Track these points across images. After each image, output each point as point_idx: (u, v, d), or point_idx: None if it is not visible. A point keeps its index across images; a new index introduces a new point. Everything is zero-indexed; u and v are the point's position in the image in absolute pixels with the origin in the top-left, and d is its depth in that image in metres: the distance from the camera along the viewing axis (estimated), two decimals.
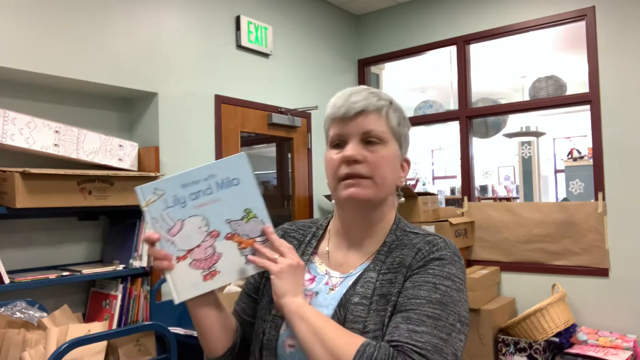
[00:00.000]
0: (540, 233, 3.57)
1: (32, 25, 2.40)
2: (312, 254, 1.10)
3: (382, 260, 1.00)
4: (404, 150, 1.06)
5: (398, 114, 1.04)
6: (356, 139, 1.00)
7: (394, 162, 1.03)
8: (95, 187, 2.44)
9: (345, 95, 1.02)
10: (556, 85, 4.27)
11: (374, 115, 1.01)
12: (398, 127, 1.04)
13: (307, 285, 1.05)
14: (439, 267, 0.94)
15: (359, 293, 0.96)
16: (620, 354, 2.97)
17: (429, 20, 4.13)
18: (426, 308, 0.89)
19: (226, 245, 0.98)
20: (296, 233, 1.15)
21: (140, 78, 2.83)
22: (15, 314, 2.19)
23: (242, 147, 3.43)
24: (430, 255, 0.96)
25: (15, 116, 2.28)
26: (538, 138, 8.22)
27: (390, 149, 1.02)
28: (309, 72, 3.98)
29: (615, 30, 3.31)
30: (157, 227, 0.96)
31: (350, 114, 1.00)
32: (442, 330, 0.88)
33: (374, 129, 1.00)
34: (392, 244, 1.03)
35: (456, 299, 0.92)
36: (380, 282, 0.97)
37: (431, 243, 0.99)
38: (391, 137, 1.02)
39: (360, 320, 0.93)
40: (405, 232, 1.05)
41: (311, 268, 1.08)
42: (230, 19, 3.37)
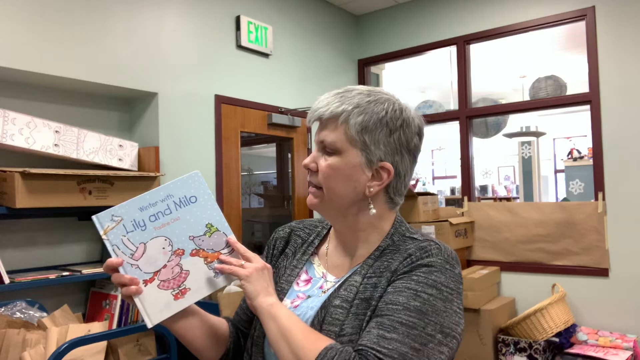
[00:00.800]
0: (540, 233, 3.57)
1: (32, 25, 2.40)
2: (313, 254, 1.10)
3: (369, 264, 0.98)
4: (376, 156, 0.96)
5: (365, 117, 0.94)
6: (317, 146, 1.00)
7: (348, 173, 0.96)
8: (95, 187, 2.44)
9: (316, 101, 1.01)
10: (555, 85, 4.27)
11: (329, 124, 0.97)
12: (363, 133, 0.94)
13: (300, 286, 1.05)
14: (424, 274, 0.90)
15: (341, 296, 0.95)
16: (620, 354, 2.97)
17: (429, 20, 4.13)
18: (401, 315, 0.86)
19: (192, 261, 0.99)
20: (302, 232, 1.15)
21: (140, 78, 2.83)
22: (15, 314, 2.20)
23: (242, 147, 3.43)
24: (418, 261, 0.92)
25: (15, 116, 2.28)
26: (538, 138, 8.21)
27: (346, 159, 0.95)
28: (309, 72, 3.98)
29: (615, 30, 3.31)
30: (120, 254, 0.96)
31: (311, 123, 1.00)
32: (416, 339, 0.84)
33: (326, 139, 0.97)
34: (386, 248, 1.00)
35: (440, 308, 0.87)
36: (364, 285, 0.95)
37: (423, 249, 0.94)
38: (349, 146, 0.95)
39: (338, 323, 0.92)
40: (404, 238, 1.01)
41: (309, 269, 1.07)
42: (230, 19, 3.37)
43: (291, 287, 1.05)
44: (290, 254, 1.12)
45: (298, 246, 1.12)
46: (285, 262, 1.11)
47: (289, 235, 1.15)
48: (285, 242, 1.15)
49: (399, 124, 0.96)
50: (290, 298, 1.04)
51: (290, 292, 1.05)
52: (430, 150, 11.48)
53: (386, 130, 0.95)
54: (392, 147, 0.96)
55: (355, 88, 0.99)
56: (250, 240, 3.65)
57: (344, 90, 0.99)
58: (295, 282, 1.06)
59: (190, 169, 3.04)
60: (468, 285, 3.28)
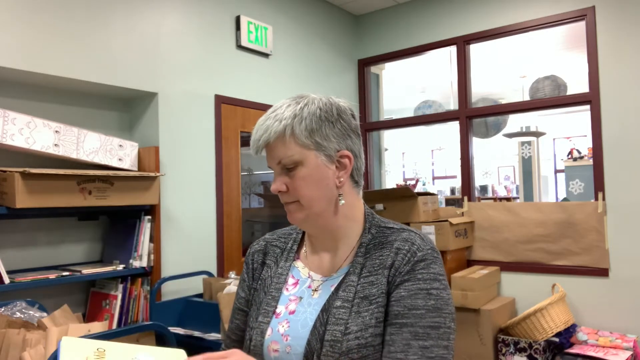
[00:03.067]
0: (540, 233, 3.57)
1: (32, 25, 2.40)
2: (295, 259, 1.12)
3: (361, 262, 1.02)
4: (332, 149, 1.01)
5: (306, 122, 0.99)
6: (276, 169, 1.02)
7: (317, 175, 1.00)
8: (95, 187, 2.44)
9: (255, 130, 1.03)
10: (553, 85, 4.27)
11: (278, 144, 1.00)
12: (312, 135, 0.99)
13: (290, 290, 1.07)
14: (425, 270, 0.96)
15: (341, 297, 0.99)
16: (620, 354, 2.97)
17: (429, 20, 4.13)
18: (427, 318, 0.92)
19: None
20: (278, 242, 1.18)
21: (140, 78, 2.83)
22: (15, 314, 2.19)
23: (242, 147, 3.43)
24: (413, 257, 0.97)
25: (15, 116, 2.28)
26: (538, 138, 8.21)
27: (309, 165, 1.00)
28: (309, 72, 3.98)
29: (615, 30, 3.31)
30: None
31: (260, 151, 1.03)
32: (443, 337, 0.92)
33: (282, 157, 1.00)
34: (369, 243, 1.04)
35: (446, 298, 0.95)
36: (362, 285, 0.99)
37: (409, 241, 1.00)
38: (305, 152, 0.99)
39: (342, 322, 0.95)
40: (380, 229, 1.06)
41: (294, 272, 1.10)
42: (230, 19, 3.37)
43: (281, 293, 1.07)
44: (272, 264, 1.14)
45: (278, 255, 1.15)
46: (269, 272, 1.13)
47: (265, 247, 1.18)
48: (263, 254, 1.17)
49: (336, 113, 1.02)
50: (283, 304, 1.05)
51: (282, 298, 1.06)
52: (430, 150, 11.48)
53: (328, 124, 1.01)
54: (340, 136, 1.02)
55: (283, 103, 1.03)
56: (250, 241, 3.65)
57: (273, 109, 1.03)
58: (285, 287, 1.08)
59: (190, 169, 3.05)
60: (468, 285, 3.28)
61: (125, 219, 2.75)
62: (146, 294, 2.71)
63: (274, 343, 1.01)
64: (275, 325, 1.03)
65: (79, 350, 0.89)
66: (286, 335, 1.00)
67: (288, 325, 1.02)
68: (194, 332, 2.64)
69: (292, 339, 0.99)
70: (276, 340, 1.01)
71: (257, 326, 1.05)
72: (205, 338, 2.52)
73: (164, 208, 2.86)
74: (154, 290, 2.71)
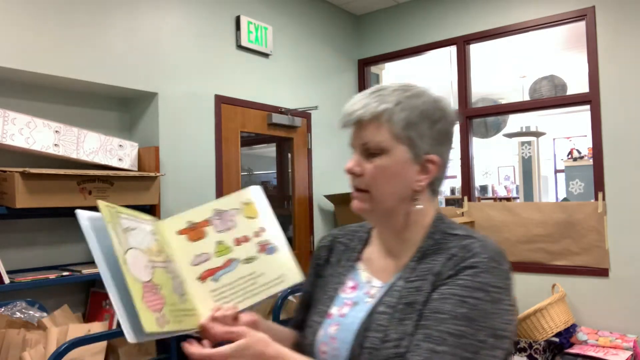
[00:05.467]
0: (540, 233, 3.57)
1: (32, 25, 2.40)
2: (357, 260, 1.08)
3: (412, 267, 0.96)
4: (423, 150, 0.95)
5: (408, 113, 0.93)
6: (358, 149, 0.97)
7: (397, 170, 0.94)
8: (95, 187, 2.44)
9: (350, 102, 0.98)
10: (550, 85, 4.28)
11: (371, 125, 0.95)
12: (408, 128, 0.93)
13: (347, 293, 1.03)
14: (470, 277, 0.87)
15: (385, 302, 0.94)
16: (620, 354, 2.97)
17: (429, 20, 4.13)
18: (449, 324, 0.84)
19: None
20: (344, 238, 1.13)
21: (140, 78, 2.83)
22: (15, 314, 2.19)
23: (242, 147, 3.43)
24: (462, 263, 0.89)
25: (15, 116, 2.28)
26: (538, 138, 8.21)
27: (394, 157, 0.94)
28: (309, 72, 3.97)
29: (615, 30, 3.31)
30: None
31: (347, 126, 0.98)
32: (467, 349, 0.82)
33: (370, 140, 0.95)
34: (428, 249, 0.96)
35: (489, 311, 0.84)
36: (407, 290, 0.92)
37: (466, 248, 0.91)
38: (395, 144, 0.94)
39: (382, 329, 0.90)
40: (445, 235, 0.97)
41: (355, 275, 1.05)
42: (230, 19, 3.37)
43: (338, 294, 1.04)
44: (334, 262, 1.11)
45: (342, 253, 1.11)
46: (331, 270, 1.10)
47: (331, 243, 1.14)
48: (328, 251, 1.14)
49: (439, 115, 0.96)
50: (337, 305, 1.02)
51: (337, 299, 1.03)
52: None
53: (429, 122, 0.95)
54: (436, 139, 0.96)
55: (389, 85, 0.98)
56: None
57: (378, 88, 0.97)
58: (342, 289, 1.04)
59: (190, 169, 3.05)
60: None
61: None
62: None
63: (323, 344, 0.99)
64: (326, 326, 1.00)
65: (173, 227, 0.99)
66: (334, 337, 0.98)
67: (337, 327, 0.98)
68: None
69: (339, 342, 0.96)
70: (325, 342, 0.99)
71: (311, 325, 1.03)
72: None
73: (164, 208, 2.85)
74: None
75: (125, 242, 0.87)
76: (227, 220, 1.02)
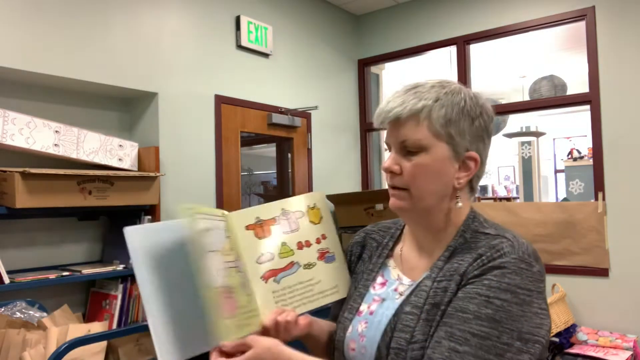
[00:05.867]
0: (540, 233, 3.57)
1: (32, 25, 2.40)
2: (388, 257, 1.07)
3: (440, 267, 0.94)
4: (463, 147, 0.94)
5: (447, 110, 0.92)
6: (396, 147, 0.96)
7: (437, 168, 0.93)
8: (95, 187, 2.44)
9: (386, 100, 0.97)
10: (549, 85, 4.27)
11: (410, 122, 0.93)
12: (447, 125, 0.92)
13: (377, 289, 1.03)
14: (497, 278, 0.85)
15: (412, 302, 0.93)
16: (620, 354, 2.97)
17: (429, 20, 4.13)
18: (472, 324, 0.82)
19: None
20: (376, 235, 1.13)
21: (140, 78, 2.83)
22: (15, 314, 2.19)
23: (242, 147, 3.43)
24: (489, 262, 0.87)
25: (15, 116, 2.28)
26: (538, 138, 8.21)
27: (434, 154, 0.93)
28: (309, 72, 3.97)
29: (615, 30, 3.31)
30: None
31: (385, 124, 0.96)
32: (490, 351, 0.80)
33: (409, 138, 0.93)
34: (458, 247, 0.95)
35: (516, 314, 0.82)
36: (434, 290, 0.91)
37: (495, 248, 0.89)
38: (435, 141, 0.92)
39: (408, 330, 0.89)
40: (476, 234, 0.96)
41: (385, 272, 1.05)
42: (230, 19, 3.37)
43: (368, 290, 1.04)
44: (367, 258, 1.11)
45: (374, 250, 1.11)
46: (362, 267, 1.10)
47: (364, 239, 1.14)
48: (361, 247, 1.14)
49: (478, 111, 0.95)
50: (367, 302, 1.02)
51: (367, 296, 1.03)
52: None
53: (468, 119, 0.94)
54: (475, 135, 0.95)
55: (426, 82, 0.97)
56: None
57: (414, 85, 0.96)
58: (372, 285, 1.04)
59: (190, 169, 3.05)
60: None
61: (125, 219, 2.75)
62: None
63: (352, 342, 0.99)
64: (356, 323, 1.00)
65: (242, 221, 0.98)
66: (363, 335, 0.97)
67: (366, 325, 0.98)
68: None
69: (367, 341, 0.96)
70: (354, 339, 0.99)
71: (342, 321, 1.03)
72: None
73: (164, 208, 2.85)
74: None
75: (202, 246, 0.85)
76: (292, 222, 1.03)
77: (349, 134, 4.29)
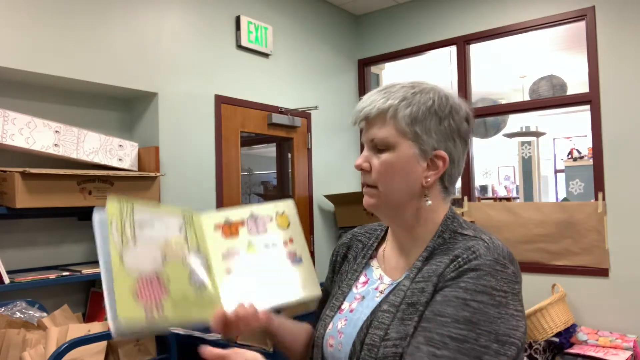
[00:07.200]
0: (540, 233, 3.57)
1: (32, 25, 2.40)
2: (372, 257, 1.10)
3: (418, 267, 0.96)
4: (429, 146, 0.95)
5: (413, 109, 0.94)
6: (367, 146, 0.99)
7: (403, 166, 0.95)
8: (95, 187, 2.44)
9: (359, 102, 1.00)
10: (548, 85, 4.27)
11: (378, 121, 0.96)
12: (413, 124, 0.94)
13: (359, 288, 1.05)
14: (473, 280, 0.86)
15: (389, 301, 0.95)
16: (620, 354, 2.97)
17: (429, 20, 4.13)
18: (450, 328, 0.83)
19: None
20: (363, 236, 1.16)
21: (140, 78, 2.83)
22: (15, 314, 2.20)
23: (242, 147, 3.43)
24: (465, 264, 0.88)
25: (15, 116, 2.28)
26: (538, 138, 8.21)
27: (400, 152, 0.95)
28: (309, 72, 3.97)
29: (615, 30, 3.31)
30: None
31: (357, 123, 1.00)
32: (469, 353, 0.81)
33: (377, 136, 0.96)
34: (436, 249, 0.96)
35: (493, 316, 0.83)
36: (412, 290, 0.93)
37: (470, 249, 0.90)
38: (401, 139, 0.94)
39: (383, 327, 0.91)
40: (454, 234, 0.97)
41: (368, 271, 1.07)
42: (230, 19, 3.37)
43: (350, 289, 1.06)
44: (351, 259, 1.13)
45: (359, 250, 1.13)
46: (347, 267, 1.13)
47: (350, 240, 1.17)
48: (347, 248, 1.16)
49: (447, 110, 0.96)
50: (348, 301, 1.04)
51: (349, 295, 1.05)
52: None
53: (436, 118, 0.95)
54: (443, 135, 0.96)
55: (398, 83, 0.99)
56: None
57: (386, 86, 0.99)
58: (355, 285, 1.06)
59: (190, 169, 3.05)
60: None
61: None
62: None
63: (331, 338, 1.01)
64: (336, 320, 1.03)
65: (211, 221, 1.04)
66: (341, 332, 1.00)
67: (345, 322, 1.01)
68: (194, 332, 2.64)
69: (344, 337, 0.98)
70: (333, 336, 1.01)
71: (323, 319, 1.06)
72: (205, 338, 2.52)
73: None
74: None
75: (131, 235, 0.92)
76: (260, 226, 1.07)
77: (349, 134, 4.29)
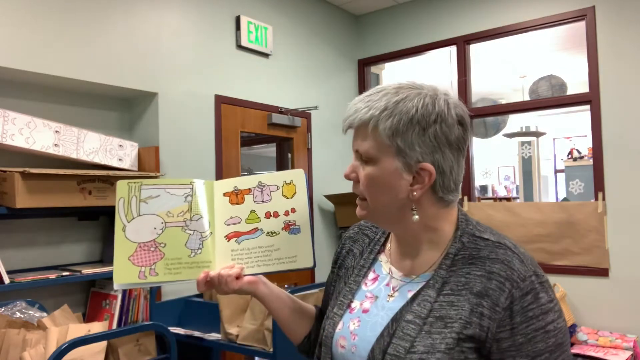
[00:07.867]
0: (540, 233, 3.57)
1: (32, 25, 2.40)
2: (379, 252, 1.07)
3: (443, 276, 0.91)
4: (413, 159, 0.89)
5: (393, 120, 0.88)
6: (355, 155, 0.96)
7: (387, 180, 0.90)
8: (95, 187, 2.44)
9: (347, 107, 0.97)
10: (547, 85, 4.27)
11: (360, 132, 0.93)
12: (394, 137, 0.88)
13: (369, 285, 1.02)
14: (534, 304, 0.85)
15: (414, 311, 0.90)
16: (620, 354, 2.97)
17: (429, 20, 4.13)
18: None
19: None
20: (369, 230, 1.13)
21: (140, 78, 2.83)
22: (15, 314, 2.20)
23: (242, 147, 3.43)
24: (515, 289, 0.86)
25: (15, 116, 2.28)
26: (538, 138, 8.21)
27: (382, 166, 0.90)
28: (309, 72, 3.97)
29: (615, 30, 3.31)
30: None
31: (345, 131, 0.97)
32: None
33: (359, 149, 0.93)
34: (457, 254, 0.92)
35: (563, 328, 0.87)
36: (440, 303, 0.89)
37: (506, 264, 0.88)
38: (382, 154, 0.90)
39: (409, 339, 0.88)
40: (473, 238, 0.94)
41: (376, 266, 1.04)
42: (230, 19, 3.37)
43: (359, 287, 1.03)
44: (357, 253, 1.10)
45: (365, 245, 1.10)
46: (353, 262, 1.09)
47: (356, 234, 1.14)
48: (353, 241, 1.14)
49: (432, 119, 0.88)
50: (359, 300, 1.01)
51: (359, 292, 1.02)
52: None
53: (419, 128, 0.88)
54: (429, 146, 0.88)
55: (383, 88, 0.93)
56: None
57: (371, 92, 0.93)
58: (364, 282, 1.03)
59: (190, 169, 3.05)
60: None
61: None
62: (146, 293, 2.70)
63: (342, 338, 0.98)
64: (347, 320, 0.99)
65: (222, 188, 1.11)
66: (355, 334, 0.96)
67: (359, 324, 0.97)
68: (194, 332, 2.64)
69: (359, 340, 0.95)
70: (344, 336, 0.98)
71: (331, 317, 1.03)
72: (205, 338, 2.52)
73: None
74: (154, 290, 2.70)
75: (136, 211, 1.05)
76: (266, 194, 1.12)
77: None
